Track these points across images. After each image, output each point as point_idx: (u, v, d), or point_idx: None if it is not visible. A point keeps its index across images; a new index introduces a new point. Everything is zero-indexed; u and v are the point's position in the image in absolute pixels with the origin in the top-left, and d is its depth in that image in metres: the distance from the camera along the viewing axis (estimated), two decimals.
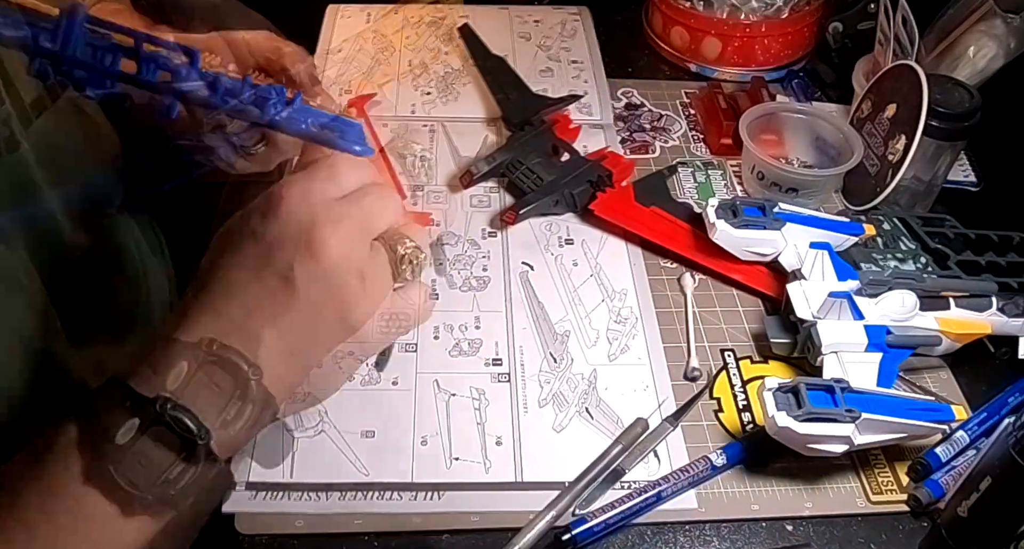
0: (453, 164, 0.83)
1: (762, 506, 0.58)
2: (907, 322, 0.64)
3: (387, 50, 0.97)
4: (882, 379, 0.61)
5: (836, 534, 0.57)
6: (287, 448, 0.59)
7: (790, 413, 0.56)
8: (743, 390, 0.65)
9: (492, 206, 0.79)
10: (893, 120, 0.77)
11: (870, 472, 0.60)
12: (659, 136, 0.89)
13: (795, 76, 0.98)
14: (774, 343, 0.67)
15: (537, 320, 0.69)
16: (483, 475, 0.58)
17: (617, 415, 0.62)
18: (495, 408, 0.62)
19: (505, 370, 0.65)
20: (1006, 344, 0.67)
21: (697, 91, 0.95)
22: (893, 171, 0.75)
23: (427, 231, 0.53)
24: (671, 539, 0.57)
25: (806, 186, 0.78)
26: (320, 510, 0.56)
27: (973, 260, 0.71)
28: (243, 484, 0.57)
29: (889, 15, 0.81)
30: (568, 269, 0.73)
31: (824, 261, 0.68)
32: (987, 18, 0.81)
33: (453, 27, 0.99)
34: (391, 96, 0.90)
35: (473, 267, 0.73)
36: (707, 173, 0.85)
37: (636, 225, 0.75)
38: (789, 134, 0.84)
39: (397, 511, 0.56)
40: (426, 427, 0.61)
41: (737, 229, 0.70)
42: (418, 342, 0.66)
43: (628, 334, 0.68)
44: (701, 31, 0.95)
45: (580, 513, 0.56)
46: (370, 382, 0.63)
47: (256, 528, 0.55)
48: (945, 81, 0.77)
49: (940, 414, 0.58)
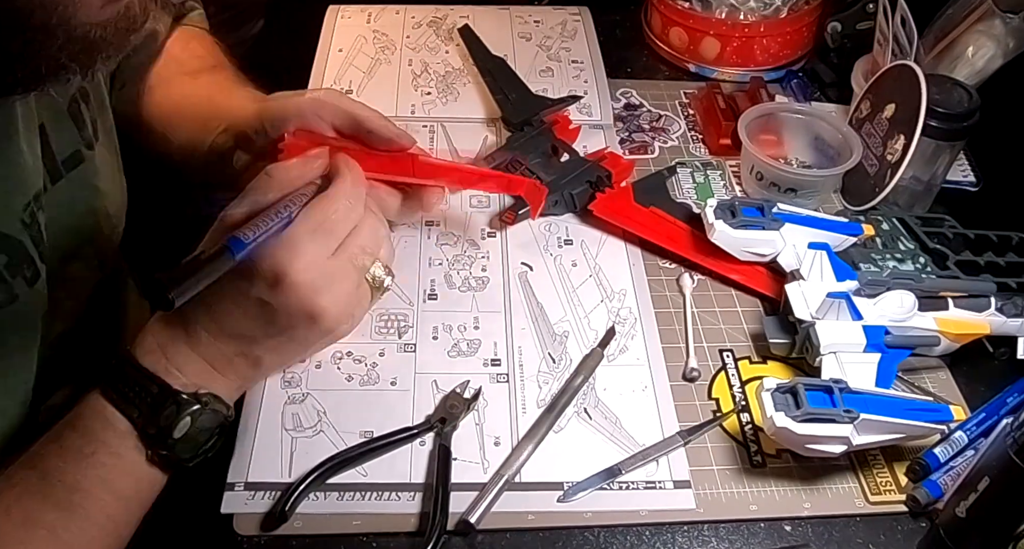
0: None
1: (760, 506, 0.58)
2: (906, 322, 0.64)
3: (387, 50, 0.97)
4: (881, 379, 0.61)
5: (835, 535, 0.57)
6: (286, 448, 0.59)
7: (788, 413, 0.56)
8: (742, 391, 0.65)
9: (491, 206, 0.79)
10: (892, 120, 0.77)
11: (869, 472, 0.60)
12: (658, 136, 0.89)
13: (794, 76, 0.98)
14: (773, 343, 0.67)
15: (536, 320, 0.69)
16: (481, 475, 0.58)
17: (616, 416, 0.62)
18: (493, 408, 0.62)
19: (504, 370, 0.65)
20: (1005, 344, 0.67)
21: (696, 91, 0.95)
22: (892, 171, 0.75)
23: (392, 244, 0.63)
24: (669, 540, 0.57)
25: (805, 186, 0.78)
26: (318, 510, 0.56)
27: (972, 260, 0.71)
28: (242, 484, 0.57)
29: (888, 15, 0.81)
30: (567, 269, 0.73)
31: (823, 261, 0.68)
32: (986, 18, 0.81)
33: (453, 27, 1.00)
34: (391, 96, 0.90)
35: (472, 267, 0.73)
36: (706, 173, 0.85)
37: (635, 225, 0.75)
38: (788, 134, 0.84)
39: (395, 511, 0.56)
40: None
41: (736, 229, 0.70)
42: (417, 342, 0.66)
43: (627, 334, 0.68)
44: (700, 31, 0.95)
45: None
46: (368, 382, 0.63)
47: (254, 529, 0.55)
48: (944, 81, 0.77)
49: (938, 414, 0.58)
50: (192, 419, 0.53)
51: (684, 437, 0.61)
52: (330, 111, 0.63)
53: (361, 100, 0.65)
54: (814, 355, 0.64)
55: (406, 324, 0.67)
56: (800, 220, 0.71)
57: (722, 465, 0.60)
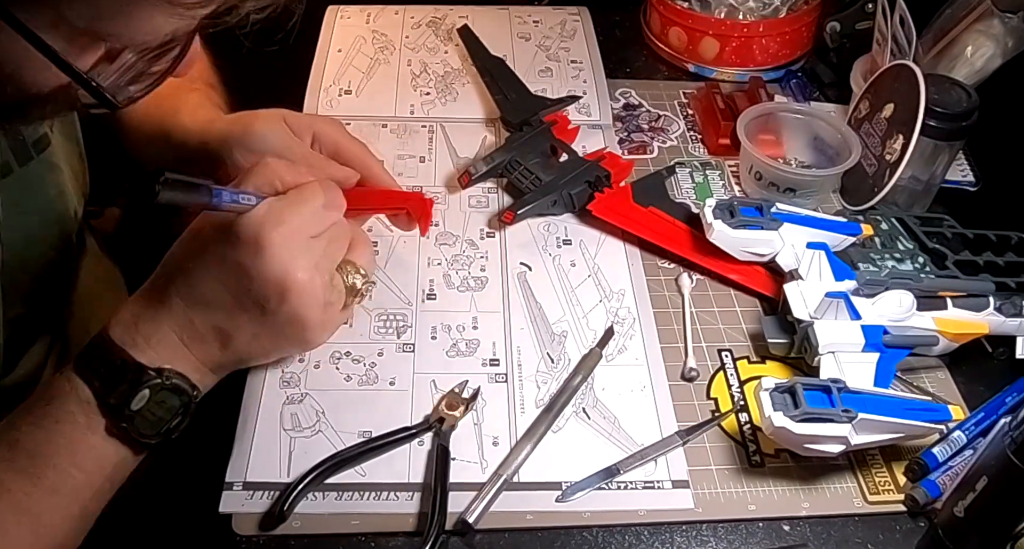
0: (451, 165, 0.83)
1: (759, 506, 0.58)
2: (904, 322, 0.64)
3: (386, 50, 0.97)
4: (879, 379, 0.61)
5: (833, 534, 0.57)
6: (284, 448, 0.59)
7: (787, 413, 0.56)
8: (740, 390, 0.65)
9: (490, 206, 0.79)
10: (891, 120, 0.77)
11: (867, 472, 0.60)
12: (657, 136, 0.89)
13: (793, 76, 0.98)
14: (771, 343, 0.67)
15: (535, 320, 0.69)
16: (480, 475, 0.58)
17: (614, 415, 0.62)
18: (492, 408, 0.62)
19: (502, 370, 0.65)
20: (1003, 344, 0.67)
21: (695, 91, 0.95)
22: (891, 171, 0.75)
23: (373, 257, 0.64)
24: (668, 539, 0.57)
25: (804, 186, 0.78)
26: (317, 510, 0.56)
27: (971, 260, 0.71)
28: (240, 484, 0.57)
29: (887, 15, 0.81)
30: (566, 269, 0.73)
31: (821, 261, 0.68)
32: (985, 18, 0.81)
33: (452, 27, 1.00)
34: (390, 96, 0.91)
35: (471, 267, 0.73)
36: (705, 173, 0.85)
37: (634, 225, 0.75)
38: (787, 134, 0.84)
39: (394, 511, 0.56)
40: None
41: (734, 229, 0.70)
42: (415, 342, 0.66)
43: (626, 334, 0.68)
44: (699, 31, 0.95)
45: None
46: (367, 382, 0.63)
47: (253, 529, 0.55)
48: (943, 81, 0.77)
49: (937, 414, 0.58)
50: (151, 392, 0.53)
51: (683, 437, 0.61)
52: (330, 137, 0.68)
53: (361, 100, 0.66)
54: (812, 355, 0.64)
55: (405, 324, 0.68)
56: (799, 220, 0.71)
57: (720, 465, 0.60)
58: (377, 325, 0.67)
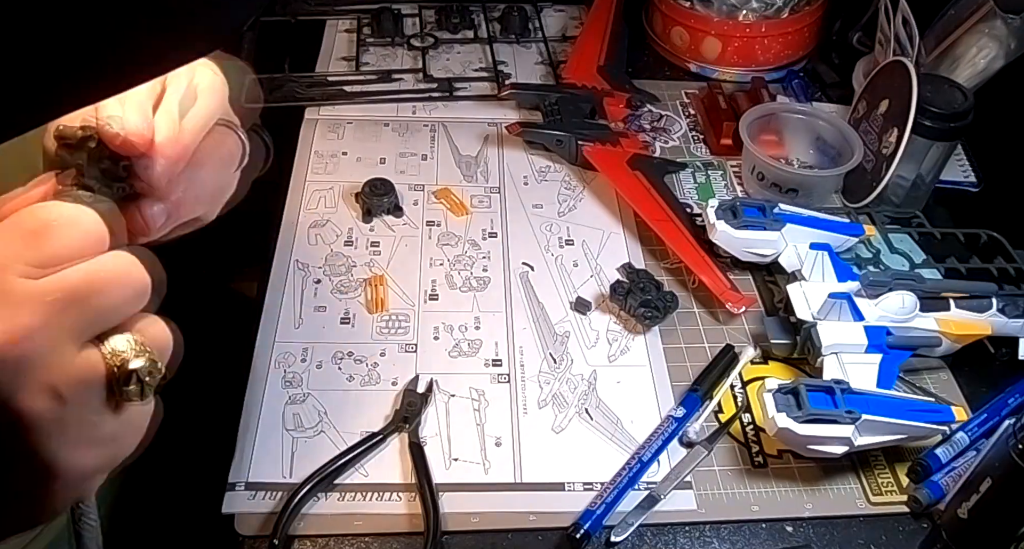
0: (453, 164, 0.83)
1: (762, 507, 0.58)
2: (907, 323, 0.64)
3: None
4: (882, 380, 0.61)
5: (836, 535, 0.57)
6: (287, 448, 0.59)
7: (790, 414, 0.56)
8: (743, 391, 0.65)
9: (492, 206, 0.79)
10: (886, 115, 0.77)
11: (870, 473, 0.60)
12: (659, 136, 0.89)
13: (795, 76, 0.97)
14: (774, 344, 0.66)
15: (537, 321, 0.69)
16: (482, 476, 0.58)
17: (617, 416, 0.62)
18: (495, 409, 0.62)
19: (505, 371, 0.65)
20: (1006, 345, 0.67)
21: (697, 91, 0.95)
22: (887, 164, 0.75)
23: (170, 339, 0.35)
24: (671, 540, 0.57)
25: (806, 187, 0.78)
26: (320, 511, 0.56)
27: (973, 260, 0.71)
28: (243, 484, 0.57)
29: (889, 15, 0.81)
30: (568, 269, 0.73)
31: (824, 262, 0.68)
32: (987, 19, 0.81)
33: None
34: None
35: (473, 267, 0.73)
36: (707, 173, 0.85)
37: (621, 185, 0.78)
38: (789, 134, 0.84)
39: (397, 512, 0.56)
40: (425, 428, 0.61)
41: (737, 230, 0.70)
42: (418, 342, 0.66)
43: (628, 335, 0.68)
44: (701, 31, 0.95)
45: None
46: (369, 382, 0.63)
47: (255, 529, 0.55)
48: (941, 81, 0.77)
49: (940, 415, 0.58)
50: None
51: (707, 446, 0.60)
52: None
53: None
54: (815, 356, 0.63)
55: (407, 324, 0.67)
56: (802, 220, 0.71)
57: (723, 466, 0.60)
58: (379, 326, 0.67)
